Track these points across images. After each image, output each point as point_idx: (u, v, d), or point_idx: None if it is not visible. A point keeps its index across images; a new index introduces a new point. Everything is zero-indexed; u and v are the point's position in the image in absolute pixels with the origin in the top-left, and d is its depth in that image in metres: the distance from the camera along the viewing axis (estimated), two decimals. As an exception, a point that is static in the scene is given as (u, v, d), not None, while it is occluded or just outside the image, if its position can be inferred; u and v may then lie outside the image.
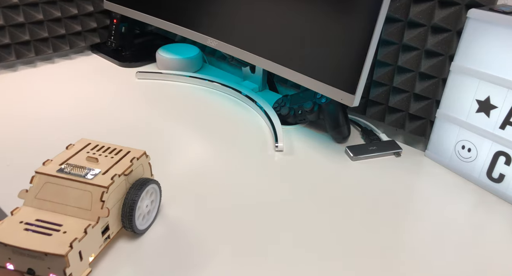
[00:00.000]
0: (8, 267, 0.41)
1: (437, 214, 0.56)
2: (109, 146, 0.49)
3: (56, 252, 0.38)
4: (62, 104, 0.77)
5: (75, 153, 0.47)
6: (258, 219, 0.54)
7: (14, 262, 0.40)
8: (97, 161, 0.46)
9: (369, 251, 0.50)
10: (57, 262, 0.39)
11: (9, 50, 0.88)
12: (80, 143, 0.50)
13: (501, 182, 0.59)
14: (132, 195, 0.45)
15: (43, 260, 0.39)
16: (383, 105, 0.74)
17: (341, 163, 0.66)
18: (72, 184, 0.43)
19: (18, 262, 0.40)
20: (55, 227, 0.41)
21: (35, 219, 0.42)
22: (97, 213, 0.42)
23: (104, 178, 0.43)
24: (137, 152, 0.48)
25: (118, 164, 0.46)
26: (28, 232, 0.41)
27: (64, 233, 0.40)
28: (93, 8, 0.97)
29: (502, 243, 0.52)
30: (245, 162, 0.64)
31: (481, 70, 0.57)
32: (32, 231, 0.41)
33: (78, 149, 0.48)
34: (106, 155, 0.47)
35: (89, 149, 0.48)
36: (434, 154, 0.67)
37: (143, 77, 0.90)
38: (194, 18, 0.80)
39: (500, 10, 0.55)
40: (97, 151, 0.48)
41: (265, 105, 0.77)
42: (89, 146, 0.49)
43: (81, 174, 0.44)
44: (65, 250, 0.39)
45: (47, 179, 0.44)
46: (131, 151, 0.48)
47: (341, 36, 0.60)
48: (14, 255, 0.40)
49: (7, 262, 0.41)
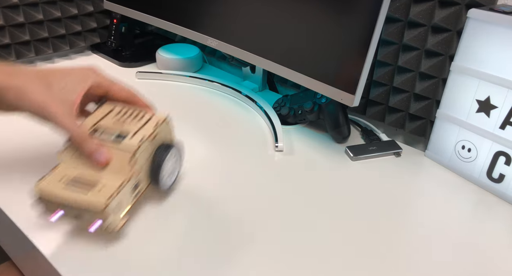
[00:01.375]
0: (57, 216, 0.46)
1: (437, 214, 0.56)
2: (133, 110, 0.52)
3: (96, 205, 0.43)
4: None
5: (103, 116, 0.51)
6: (257, 219, 0.54)
7: (64, 210, 0.46)
8: (125, 125, 0.50)
9: (369, 251, 0.50)
10: (97, 215, 0.44)
11: (9, 50, 0.88)
12: (107, 105, 0.53)
13: (501, 182, 0.59)
14: (159, 156, 0.50)
15: (86, 212, 0.44)
16: (383, 105, 0.74)
17: (341, 163, 0.66)
18: (107, 144, 0.48)
19: (67, 210, 0.45)
20: (92, 184, 0.46)
21: (73, 176, 0.46)
22: (129, 172, 0.47)
23: (133, 141, 0.48)
24: (160, 116, 0.52)
25: (144, 127, 0.50)
26: (69, 188, 0.45)
27: (101, 190, 0.45)
28: (93, 8, 0.97)
29: (502, 243, 0.52)
30: (245, 162, 0.64)
31: (481, 70, 0.57)
32: (72, 187, 0.45)
33: (105, 113, 0.51)
34: (132, 119, 0.51)
35: (115, 113, 0.51)
36: (434, 154, 0.67)
37: (143, 77, 0.90)
38: (194, 18, 0.80)
39: (500, 10, 0.55)
40: (123, 115, 0.51)
41: (265, 105, 0.77)
42: (115, 110, 0.52)
43: (112, 138, 0.48)
44: (104, 204, 0.43)
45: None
46: (154, 115, 0.52)
47: (341, 36, 0.60)
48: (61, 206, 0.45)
49: (56, 210, 0.46)
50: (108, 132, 0.48)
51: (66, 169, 0.47)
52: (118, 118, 0.51)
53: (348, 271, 0.47)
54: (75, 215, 0.45)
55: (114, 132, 0.49)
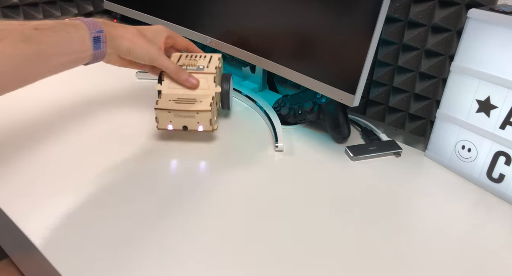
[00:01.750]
0: (169, 128, 0.64)
1: (437, 214, 0.56)
2: (196, 53, 0.71)
3: (205, 108, 0.62)
4: (62, 104, 0.77)
5: (178, 59, 0.69)
6: (257, 219, 0.54)
7: (173, 123, 0.64)
8: (198, 61, 0.68)
9: (369, 250, 0.50)
10: (205, 116, 0.62)
11: (9, 50, 0.87)
12: (174, 56, 0.69)
13: (501, 182, 0.59)
14: (226, 84, 0.70)
15: (194, 117, 0.62)
16: (383, 105, 0.74)
17: (341, 163, 0.66)
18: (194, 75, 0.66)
19: (176, 123, 0.63)
20: (192, 99, 0.64)
21: (177, 98, 0.64)
22: (214, 90, 0.65)
23: (211, 68, 0.66)
24: (216, 55, 0.70)
25: (211, 61, 0.68)
26: (179, 103, 0.63)
27: (202, 101, 0.63)
28: (93, 8, 0.97)
29: (502, 243, 0.52)
30: (245, 162, 0.64)
31: (481, 70, 0.57)
32: (180, 103, 0.63)
33: (178, 57, 0.69)
34: (199, 58, 0.69)
35: (185, 56, 0.69)
36: (434, 154, 0.67)
37: (143, 77, 0.90)
38: (194, 18, 0.80)
39: (500, 10, 0.55)
40: (191, 57, 0.69)
41: (265, 105, 0.77)
42: (183, 55, 0.70)
43: (195, 69, 0.66)
44: (209, 107, 0.62)
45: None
46: (213, 55, 0.70)
47: (341, 36, 0.60)
48: (175, 118, 0.63)
49: (168, 124, 0.64)
50: (191, 65, 0.66)
51: (168, 95, 0.64)
52: (190, 58, 0.69)
53: (348, 270, 0.47)
54: (182, 126, 0.64)
55: (194, 65, 0.67)
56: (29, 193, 0.56)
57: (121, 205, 0.54)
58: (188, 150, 0.67)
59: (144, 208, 0.54)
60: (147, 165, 0.62)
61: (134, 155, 0.64)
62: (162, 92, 0.65)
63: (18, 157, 0.63)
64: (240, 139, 0.70)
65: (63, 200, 0.55)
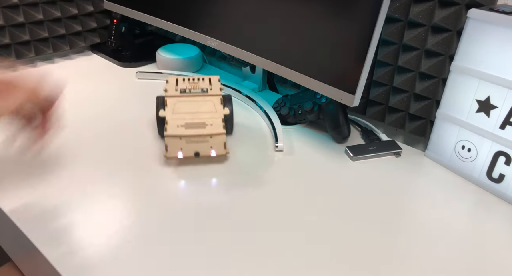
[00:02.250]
0: (179, 156, 0.60)
1: (437, 214, 0.56)
2: (193, 77, 0.67)
3: (218, 131, 0.60)
4: (62, 104, 0.77)
5: (176, 82, 0.66)
6: (257, 219, 0.54)
7: (184, 150, 0.60)
8: (199, 84, 0.65)
9: (369, 250, 0.50)
10: (219, 140, 0.60)
11: (9, 50, 0.88)
12: (172, 80, 0.66)
13: (501, 182, 0.59)
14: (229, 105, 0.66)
15: (207, 142, 0.60)
16: (383, 105, 0.74)
17: (341, 163, 0.66)
18: (197, 98, 0.64)
19: (187, 149, 0.60)
20: (202, 123, 0.61)
21: (185, 123, 0.60)
22: (222, 112, 0.63)
23: (215, 91, 0.65)
24: (216, 77, 0.67)
25: (213, 83, 0.66)
26: (189, 128, 0.60)
27: (211, 125, 0.60)
28: (93, 8, 0.97)
29: (502, 243, 0.52)
30: (245, 162, 0.64)
31: (481, 70, 0.57)
32: (190, 128, 0.60)
33: (175, 82, 0.66)
34: (198, 81, 0.66)
35: (182, 80, 0.66)
36: (434, 154, 0.67)
37: (143, 77, 0.90)
38: (194, 18, 0.80)
39: (500, 10, 0.55)
40: (191, 80, 0.66)
41: (265, 105, 0.77)
42: (180, 79, 0.66)
43: (200, 91, 0.64)
44: (223, 130, 0.60)
45: (177, 99, 0.63)
46: (211, 77, 0.67)
47: (341, 36, 0.60)
48: (186, 144, 0.60)
49: (178, 151, 0.60)
50: (194, 89, 0.65)
51: (174, 120, 0.61)
52: (189, 82, 0.66)
53: (348, 270, 0.47)
54: (194, 152, 0.60)
55: (198, 88, 0.65)
56: (29, 195, 0.56)
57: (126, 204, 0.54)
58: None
59: (147, 208, 0.54)
60: (146, 166, 0.62)
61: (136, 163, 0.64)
62: (167, 118, 0.61)
63: (16, 160, 0.62)
64: (240, 139, 0.70)
65: (66, 205, 0.55)
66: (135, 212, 0.53)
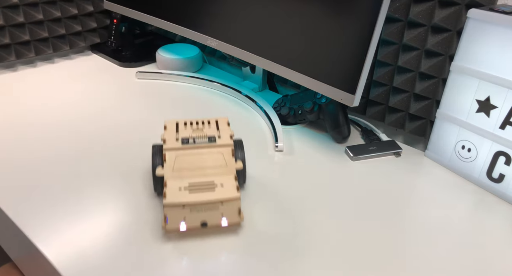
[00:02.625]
0: (181, 229, 0.48)
1: (437, 214, 0.56)
2: (197, 120, 0.55)
3: (232, 196, 0.47)
4: (62, 104, 0.77)
5: (177, 128, 0.54)
6: (257, 219, 0.54)
7: (188, 220, 0.47)
8: (204, 130, 0.53)
9: (369, 250, 0.50)
10: (232, 206, 0.48)
11: (9, 50, 0.88)
12: (170, 125, 0.54)
13: (501, 182, 0.59)
14: (241, 153, 0.54)
15: (217, 209, 0.47)
16: (383, 105, 0.74)
17: (341, 163, 0.66)
18: (203, 151, 0.51)
19: (192, 219, 0.47)
20: (210, 183, 0.49)
21: (188, 183, 0.48)
22: (234, 166, 0.51)
23: (224, 139, 0.52)
24: (223, 119, 0.56)
25: (221, 128, 0.54)
26: (194, 191, 0.47)
27: (222, 185, 0.48)
28: (93, 8, 0.97)
29: (502, 243, 0.52)
30: (245, 162, 0.64)
31: (481, 70, 0.57)
32: (196, 192, 0.47)
33: (175, 127, 0.54)
34: (203, 125, 0.54)
35: (183, 125, 0.54)
36: (434, 154, 0.67)
37: (143, 77, 0.90)
38: (194, 18, 0.80)
39: (500, 10, 0.55)
40: (195, 125, 0.54)
41: (265, 105, 0.77)
42: (181, 123, 0.54)
43: (206, 141, 0.52)
44: (238, 193, 0.48)
45: (177, 152, 0.51)
46: (218, 119, 0.55)
47: (341, 36, 0.60)
48: (191, 213, 0.47)
49: (180, 222, 0.47)
50: (199, 138, 0.52)
51: (175, 181, 0.49)
52: (192, 127, 0.54)
53: (348, 270, 0.47)
54: (200, 222, 0.48)
55: (203, 137, 0.52)
56: (30, 198, 0.56)
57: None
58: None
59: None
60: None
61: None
62: (167, 177, 0.49)
63: (20, 158, 0.63)
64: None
65: (64, 205, 0.55)
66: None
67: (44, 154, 0.63)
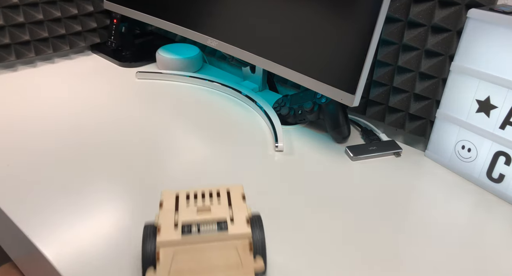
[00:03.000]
0: None
1: (437, 214, 0.56)
2: (203, 190, 0.41)
3: None
4: (62, 104, 0.77)
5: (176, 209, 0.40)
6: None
7: None
8: (211, 211, 0.39)
9: (369, 250, 0.50)
10: None
11: (9, 50, 0.88)
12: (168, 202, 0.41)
13: (501, 182, 0.59)
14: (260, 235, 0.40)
15: None
16: (383, 105, 0.74)
17: (341, 163, 0.66)
18: (209, 244, 0.38)
19: None
20: None
21: None
22: (251, 266, 0.37)
23: (238, 226, 0.38)
24: (237, 188, 0.42)
25: (233, 205, 0.40)
26: None
27: None
28: (93, 8, 0.97)
29: (502, 243, 0.52)
30: (245, 162, 0.64)
31: (481, 70, 0.57)
32: None
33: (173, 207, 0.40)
34: (211, 198, 0.40)
35: (185, 197, 0.41)
36: (434, 154, 0.67)
37: (143, 77, 0.90)
38: (194, 18, 0.80)
39: (500, 10, 0.55)
40: (199, 197, 0.41)
41: (265, 105, 0.77)
42: (182, 196, 0.41)
43: (214, 229, 0.38)
44: None
45: (175, 248, 0.38)
46: (230, 188, 0.42)
47: (341, 36, 0.60)
48: None
49: None
50: (205, 224, 0.39)
51: None
52: (196, 203, 0.40)
53: (347, 270, 0.47)
54: None
55: (211, 221, 0.39)
56: (29, 198, 0.56)
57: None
58: (188, 150, 0.67)
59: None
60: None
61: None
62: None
63: (20, 158, 0.63)
64: (240, 139, 0.70)
65: (64, 205, 0.55)
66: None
67: (43, 154, 0.63)
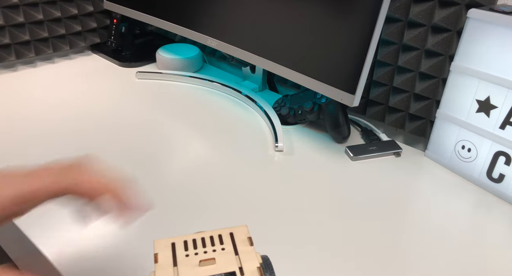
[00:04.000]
0: None
1: (437, 214, 0.56)
2: (203, 235, 0.35)
3: None
4: (62, 104, 0.77)
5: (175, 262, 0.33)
6: (258, 219, 0.54)
7: None
8: (216, 261, 0.33)
9: (369, 250, 0.50)
10: None
11: (9, 50, 0.88)
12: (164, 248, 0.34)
13: (501, 182, 0.59)
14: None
15: None
16: (383, 105, 0.74)
17: (341, 163, 0.66)
18: None
19: None
20: None
21: None
22: None
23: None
24: (241, 229, 0.36)
25: (240, 252, 0.34)
26: None
27: None
28: (93, 8, 0.97)
29: (502, 243, 0.52)
30: (245, 162, 0.64)
31: (481, 70, 0.57)
32: None
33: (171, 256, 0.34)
34: (214, 249, 0.34)
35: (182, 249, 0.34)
36: (434, 154, 0.67)
37: (143, 77, 0.90)
38: (194, 18, 0.80)
39: (500, 10, 0.55)
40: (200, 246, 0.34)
41: (265, 105, 0.77)
42: (179, 244, 0.35)
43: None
44: None
45: None
46: (234, 231, 0.36)
47: (341, 36, 0.60)
48: None
49: None
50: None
51: None
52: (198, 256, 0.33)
53: (347, 270, 0.47)
54: None
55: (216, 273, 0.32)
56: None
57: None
58: (188, 150, 0.67)
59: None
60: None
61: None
62: None
63: (20, 158, 0.62)
64: (240, 139, 0.70)
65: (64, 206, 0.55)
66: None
67: (43, 153, 0.63)
